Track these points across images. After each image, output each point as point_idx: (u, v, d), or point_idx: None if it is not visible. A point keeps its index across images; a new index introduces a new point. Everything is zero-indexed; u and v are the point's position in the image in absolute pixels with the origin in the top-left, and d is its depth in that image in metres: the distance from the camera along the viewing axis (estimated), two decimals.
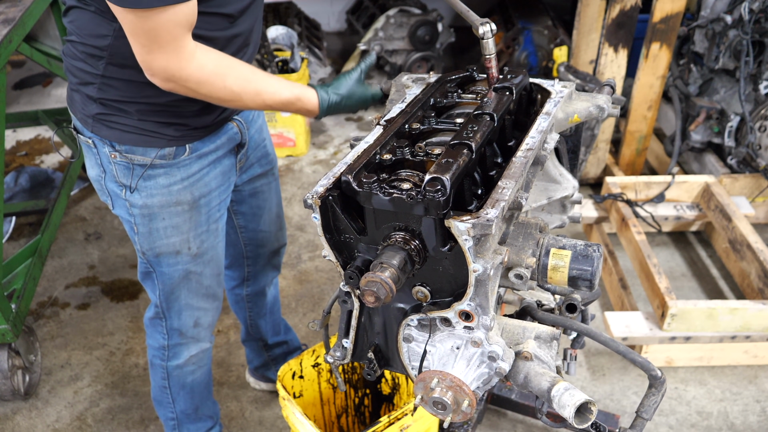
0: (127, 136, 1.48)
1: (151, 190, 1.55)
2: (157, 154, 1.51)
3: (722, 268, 3.03)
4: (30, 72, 5.23)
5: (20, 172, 3.67)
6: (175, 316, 1.77)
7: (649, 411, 1.13)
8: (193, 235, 1.65)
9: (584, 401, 1.01)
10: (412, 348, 1.15)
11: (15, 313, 2.35)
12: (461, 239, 0.95)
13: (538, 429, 2.31)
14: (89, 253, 3.26)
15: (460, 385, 1.05)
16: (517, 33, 4.39)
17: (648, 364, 1.12)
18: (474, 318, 1.04)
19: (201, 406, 2.01)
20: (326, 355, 1.26)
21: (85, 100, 1.48)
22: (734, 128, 3.15)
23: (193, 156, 1.56)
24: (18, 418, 2.42)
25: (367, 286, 0.95)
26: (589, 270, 1.08)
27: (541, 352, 1.11)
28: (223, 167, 1.65)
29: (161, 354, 1.86)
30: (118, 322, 2.83)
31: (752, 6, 2.92)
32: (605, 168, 3.50)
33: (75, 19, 1.40)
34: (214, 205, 1.66)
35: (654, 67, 3.12)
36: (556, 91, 1.32)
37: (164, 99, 1.44)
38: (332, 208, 1.04)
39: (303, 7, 5.10)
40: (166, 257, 1.65)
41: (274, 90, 1.44)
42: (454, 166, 0.99)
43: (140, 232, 1.62)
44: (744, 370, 2.51)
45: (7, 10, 2.61)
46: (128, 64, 1.38)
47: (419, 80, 1.43)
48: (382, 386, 2.13)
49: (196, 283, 1.73)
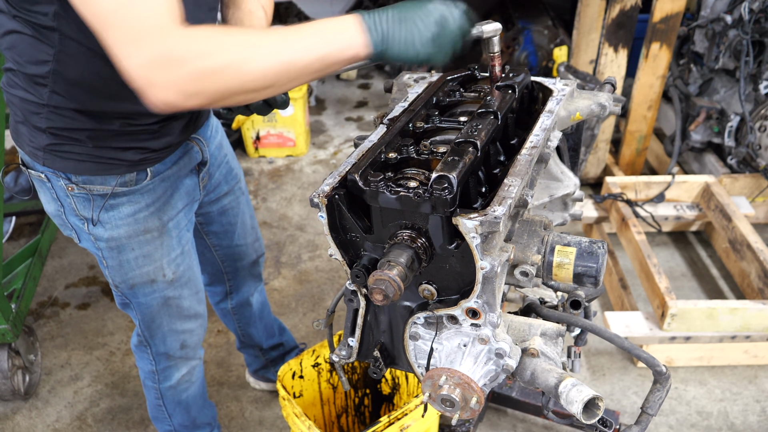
0: (82, 165, 1.38)
1: (116, 221, 1.46)
2: (118, 182, 1.42)
3: (722, 268, 3.03)
4: None
5: (20, 172, 3.67)
6: (160, 342, 1.73)
7: (654, 407, 1.13)
8: (167, 261, 1.58)
9: (592, 397, 1.02)
10: (418, 346, 1.15)
11: (15, 313, 2.35)
12: (469, 237, 0.95)
13: (538, 428, 2.30)
14: (89, 253, 3.25)
15: (468, 382, 1.06)
16: (517, 33, 4.39)
17: (653, 360, 1.13)
18: (481, 315, 1.04)
19: (198, 417, 1.99)
20: (331, 354, 1.26)
21: (32, 132, 1.37)
22: (734, 128, 3.15)
23: (156, 179, 1.48)
24: (18, 418, 2.42)
25: (376, 285, 0.96)
26: (594, 267, 1.09)
27: (548, 348, 1.12)
28: (186, 187, 1.59)
29: (152, 377, 1.83)
30: (118, 322, 2.83)
31: (752, 6, 2.92)
32: (605, 168, 3.50)
33: (12, 46, 1.27)
34: (182, 226, 1.60)
35: (654, 67, 3.12)
36: (558, 89, 1.32)
37: (116, 124, 1.35)
38: (338, 207, 1.05)
39: (303, 7, 5.09)
40: (141, 287, 1.58)
41: (291, 41, 1.07)
42: (460, 164, 0.99)
43: (110, 266, 1.54)
44: (744, 370, 2.51)
45: None
46: (73, 90, 1.29)
47: (420, 79, 1.43)
48: (382, 386, 2.13)
49: (176, 308, 1.67)
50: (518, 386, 2.25)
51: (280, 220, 3.45)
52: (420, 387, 2.04)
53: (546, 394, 1.14)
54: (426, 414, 1.73)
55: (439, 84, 1.34)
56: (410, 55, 1.10)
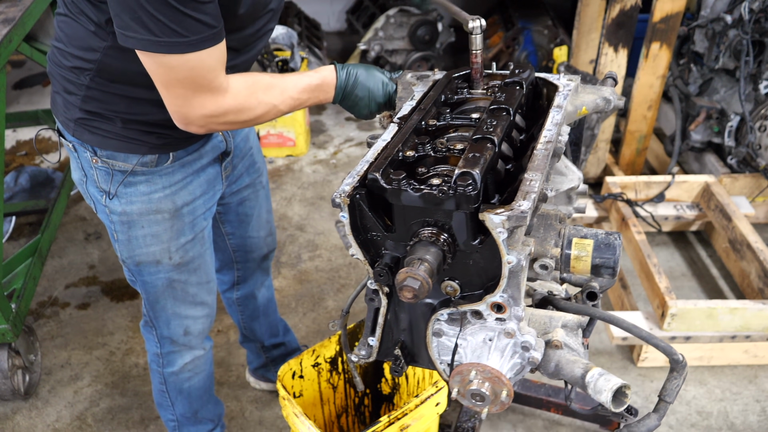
0: (108, 141, 1.44)
1: (131, 197, 1.51)
2: (139, 161, 1.47)
3: (722, 268, 3.03)
4: (30, 72, 5.23)
5: (20, 171, 3.67)
6: (164, 325, 1.75)
7: (672, 394, 1.14)
8: (175, 244, 1.60)
9: (620, 385, 1.03)
10: (441, 342, 1.16)
11: (15, 312, 2.35)
12: (495, 232, 0.96)
13: (538, 428, 2.31)
14: (89, 252, 3.26)
15: (498, 376, 1.07)
16: (517, 33, 4.39)
17: (670, 349, 1.14)
18: (506, 309, 1.05)
19: (200, 410, 2.00)
20: (350, 355, 1.26)
21: (67, 105, 1.44)
22: (734, 128, 3.15)
23: (176, 164, 1.52)
24: (18, 418, 2.42)
25: (405, 282, 0.96)
26: (612, 258, 1.12)
27: (570, 340, 1.13)
28: (207, 175, 1.62)
29: (157, 360, 1.85)
30: (118, 321, 2.83)
31: (752, 6, 2.92)
32: (605, 168, 3.50)
33: (66, 27, 1.35)
34: (199, 213, 1.63)
35: (654, 67, 3.12)
36: (563, 84, 1.33)
37: (147, 112, 1.41)
38: (359, 207, 1.05)
39: (303, 7, 5.09)
40: (146, 266, 1.62)
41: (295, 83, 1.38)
42: (481, 160, 1.00)
43: (119, 240, 1.58)
44: (744, 369, 2.51)
45: (6, 10, 2.61)
46: (116, 79, 1.35)
47: (423, 77, 1.43)
48: (382, 386, 2.13)
49: (181, 291, 1.69)
50: None
51: (279, 220, 3.45)
52: (420, 387, 2.04)
53: (570, 385, 1.15)
54: (426, 414, 1.73)
55: (446, 81, 1.34)
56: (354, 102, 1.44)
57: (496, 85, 1.34)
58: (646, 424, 1.13)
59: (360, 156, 4.03)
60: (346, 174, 3.82)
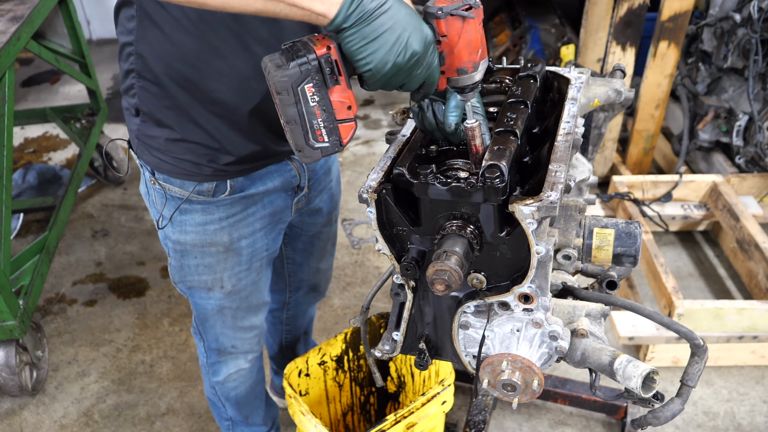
0: (163, 165, 1.36)
1: (185, 225, 1.42)
2: (195, 189, 1.37)
3: (729, 268, 3.02)
4: (38, 69, 5.26)
5: (28, 169, 3.69)
6: (212, 339, 1.70)
7: (694, 378, 1.16)
8: (228, 275, 1.52)
9: (649, 371, 1.05)
10: (468, 335, 1.17)
11: (23, 309, 2.36)
12: (525, 222, 0.96)
13: (543, 427, 2.30)
14: (96, 249, 3.27)
15: (529, 365, 1.09)
16: (524, 31, 4.38)
17: (691, 333, 1.16)
18: (534, 300, 1.06)
19: (251, 415, 1.96)
20: (373, 350, 1.26)
21: (128, 116, 1.37)
22: (742, 127, 3.13)
23: (236, 195, 1.41)
24: (25, 414, 2.44)
25: (437, 275, 0.96)
26: (633, 246, 1.13)
27: (594, 328, 1.15)
28: (274, 208, 1.49)
29: (205, 368, 1.82)
30: (124, 318, 2.85)
31: (761, 4, 2.90)
32: (612, 167, 3.49)
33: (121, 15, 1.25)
34: (258, 246, 1.52)
35: (662, 66, 3.10)
36: (575, 77, 1.33)
37: (197, 137, 1.30)
38: (385, 202, 1.05)
39: None
40: (198, 291, 1.55)
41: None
42: (507, 152, 1.00)
43: (172, 264, 1.52)
44: (751, 370, 2.50)
45: (15, 8, 2.62)
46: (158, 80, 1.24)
47: None
48: (387, 384, 2.13)
49: (231, 317, 1.63)
50: None
51: None
52: (426, 385, 2.04)
53: (595, 373, 1.17)
54: (432, 412, 1.73)
55: None
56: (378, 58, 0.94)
57: (507, 79, 1.34)
58: (670, 409, 1.15)
59: (366, 154, 4.03)
60: (351, 172, 3.82)
